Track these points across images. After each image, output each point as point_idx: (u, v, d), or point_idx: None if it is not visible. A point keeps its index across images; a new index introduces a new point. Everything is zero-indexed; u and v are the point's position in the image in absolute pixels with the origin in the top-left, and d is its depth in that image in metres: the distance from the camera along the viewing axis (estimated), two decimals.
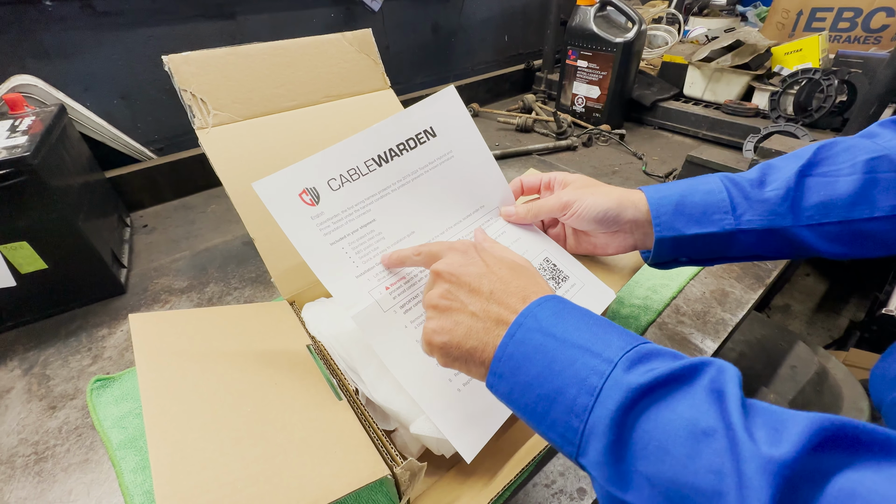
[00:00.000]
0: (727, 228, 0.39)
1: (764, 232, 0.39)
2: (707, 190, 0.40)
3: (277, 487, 0.28)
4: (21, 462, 0.43)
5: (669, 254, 0.41)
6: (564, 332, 0.27)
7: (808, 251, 0.39)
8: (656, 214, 0.40)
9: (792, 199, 0.38)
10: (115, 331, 0.58)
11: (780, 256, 0.41)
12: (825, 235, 0.38)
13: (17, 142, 0.53)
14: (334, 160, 0.40)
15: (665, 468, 0.21)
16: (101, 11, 0.73)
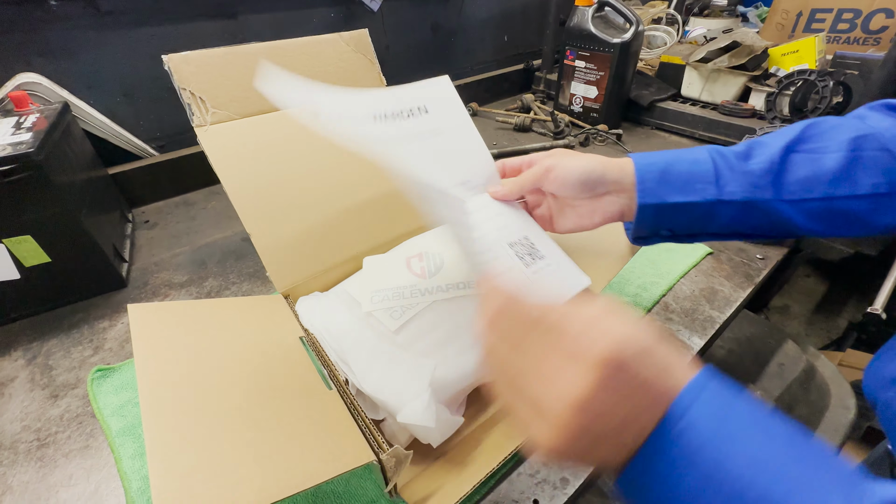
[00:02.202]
0: (709, 198, 0.39)
1: (744, 204, 0.39)
2: (694, 160, 0.40)
3: (267, 470, 0.29)
4: (24, 448, 0.45)
5: (651, 223, 0.40)
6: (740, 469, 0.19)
7: (788, 227, 0.39)
8: (641, 180, 0.40)
9: (776, 172, 0.38)
10: (116, 323, 0.59)
11: (761, 234, 0.41)
12: (806, 212, 0.38)
13: (22, 138, 0.55)
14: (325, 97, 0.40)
15: None
16: (105, 11, 0.75)
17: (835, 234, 0.39)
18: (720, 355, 0.64)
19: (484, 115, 1.25)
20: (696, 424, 0.20)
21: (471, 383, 0.42)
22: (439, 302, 0.46)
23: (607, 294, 0.26)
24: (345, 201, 0.56)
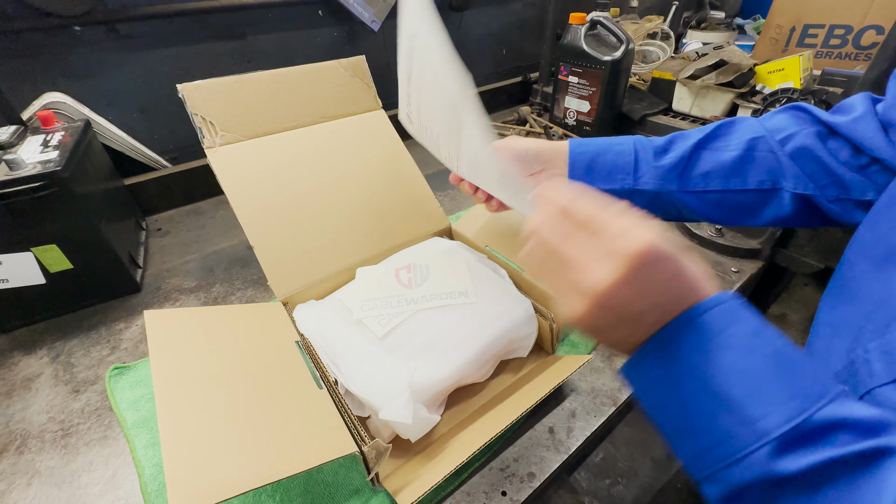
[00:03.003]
0: (625, 187, 0.45)
1: (654, 194, 0.45)
2: (619, 151, 0.46)
3: (264, 456, 0.34)
4: (50, 436, 0.50)
5: None
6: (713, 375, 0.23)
7: (692, 214, 0.46)
8: (572, 168, 0.46)
9: (683, 167, 0.44)
10: (131, 325, 0.65)
11: (672, 218, 0.47)
12: (706, 202, 0.45)
13: (50, 156, 0.61)
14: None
15: None
16: (124, 34, 0.81)
17: (732, 223, 0.46)
18: None
19: None
20: (704, 327, 0.24)
21: (448, 386, 0.46)
22: (423, 311, 0.50)
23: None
24: (340, 216, 0.60)
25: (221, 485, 0.30)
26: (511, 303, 0.52)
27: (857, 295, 0.35)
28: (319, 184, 0.61)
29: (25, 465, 0.47)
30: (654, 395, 0.27)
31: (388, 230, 0.63)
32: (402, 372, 0.44)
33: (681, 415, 0.25)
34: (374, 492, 0.44)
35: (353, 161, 0.64)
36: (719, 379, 0.23)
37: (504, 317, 0.51)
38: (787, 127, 0.43)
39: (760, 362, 0.23)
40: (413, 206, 0.66)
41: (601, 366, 0.57)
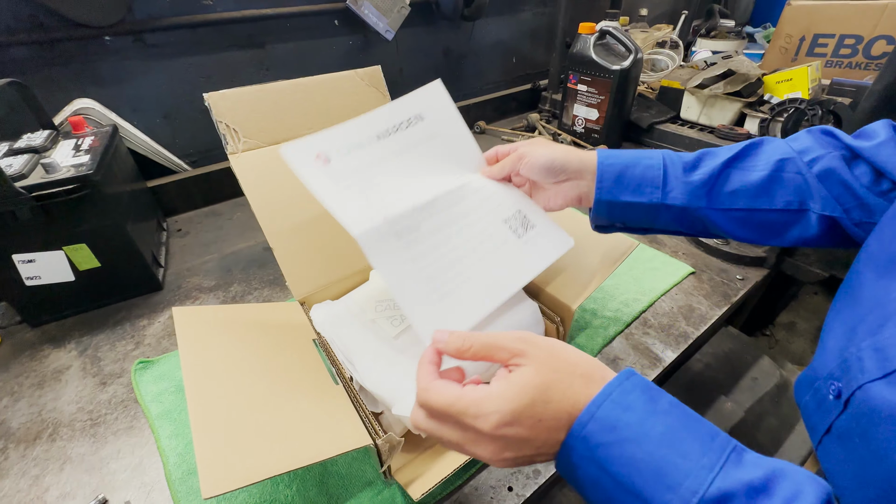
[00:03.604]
0: (654, 201, 0.45)
1: (682, 209, 0.45)
2: (648, 165, 0.46)
3: (284, 446, 0.36)
4: (80, 426, 0.53)
5: (606, 215, 0.47)
6: (620, 469, 0.25)
7: (719, 231, 0.46)
8: (600, 178, 0.46)
9: (712, 185, 0.44)
10: (154, 321, 0.68)
11: (698, 233, 0.48)
12: (733, 219, 0.45)
13: (82, 160, 0.64)
14: (341, 136, 0.46)
15: None
16: (151, 44, 0.84)
17: (756, 241, 0.46)
18: (697, 368, 0.69)
19: (491, 133, 1.32)
20: (593, 433, 0.26)
21: None
22: None
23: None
24: None
25: (248, 470, 0.32)
26: (518, 306, 0.54)
27: (858, 300, 0.36)
28: None
29: (57, 451, 0.50)
30: (584, 493, 0.28)
31: None
32: (414, 370, 0.46)
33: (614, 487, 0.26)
34: (386, 484, 0.46)
35: None
36: (622, 474, 0.25)
37: (511, 319, 0.52)
38: (813, 149, 0.43)
39: (653, 447, 0.25)
40: None
41: None
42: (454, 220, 0.46)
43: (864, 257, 0.38)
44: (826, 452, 0.35)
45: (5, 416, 0.54)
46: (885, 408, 0.29)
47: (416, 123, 0.50)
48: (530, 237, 0.48)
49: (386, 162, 0.47)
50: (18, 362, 0.61)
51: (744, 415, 0.63)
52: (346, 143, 0.46)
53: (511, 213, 0.49)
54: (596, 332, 0.63)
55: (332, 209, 0.40)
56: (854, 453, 0.32)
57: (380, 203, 0.44)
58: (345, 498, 0.45)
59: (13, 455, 0.50)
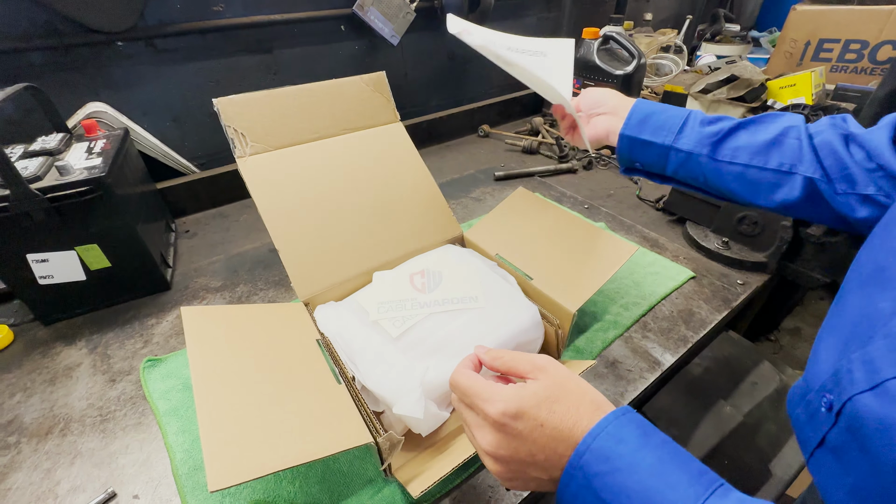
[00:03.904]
0: (666, 143, 0.52)
1: (688, 155, 0.52)
2: (673, 114, 0.53)
3: (288, 442, 0.37)
4: (90, 421, 0.54)
5: (627, 152, 0.55)
6: (612, 497, 0.27)
7: (715, 183, 0.52)
8: (630, 115, 0.54)
9: (719, 139, 0.50)
10: (162, 321, 0.69)
11: (698, 185, 0.54)
12: (729, 173, 0.50)
13: (94, 163, 0.66)
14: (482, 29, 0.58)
15: None
16: (161, 49, 0.86)
17: (745, 198, 0.51)
18: (696, 372, 0.70)
19: (495, 137, 1.33)
20: (589, 463, 0.28)
21: None
22: (436, 314, 0.53)
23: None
24: (359, 223, 0.64)
25: (253, 465, 0.33)
26: (518, 308, 0.55)
27: (847, 312, 0.36)
28: (340, 192, 0.65)
29: (68, 446, 0.51)
30: None
31: (404, 237, 0.66)
32: (415, 371, 0.47)
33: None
34: (387, 482, 0.47)
35: (371, 171, 0.68)
36: (614, 502, 0.27)
37: (512, 321, 0.53)
38: (822, 126, 0.48)
39: (644, 477, 0.27)
40: (427, 214, 0.70)
41: (605, 371, 0.59)
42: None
43: (853, 269, 0.39)
44: (819, 465, 0.35)
45: (18, 411, 0.56)
46: (871, 420, 0.29)
47: (539, 56, 0.60)
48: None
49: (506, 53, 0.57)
50: (31, 359, 0.63)
51: (742, 419, 0.64)
52: (486, 37, 0.57)
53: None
54: (595, 335, 0.64)
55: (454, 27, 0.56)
56: (849, 466, 0.31)
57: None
58: (346, 495, 0.46)
59: (26, 449, 0.51)
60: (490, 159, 1.19)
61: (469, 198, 1.01)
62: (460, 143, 1.31)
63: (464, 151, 1.25)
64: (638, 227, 0.89)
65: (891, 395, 0.28)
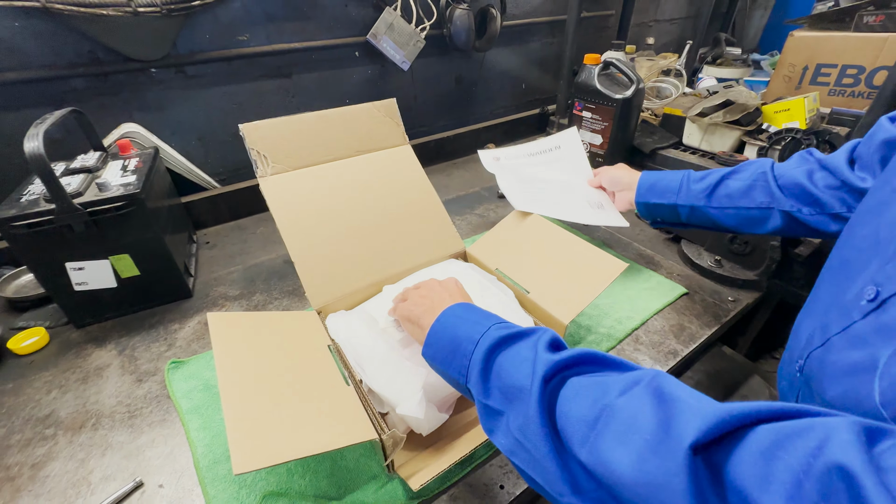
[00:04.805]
0: (671, 202, 0.68)
1: (692, 207, 0.66)
2: (671, 179, 0.70)
3: (303, 434, 0.41)
4: (119, 417, 0.59)
5: (646, 212, 0.72)
6: (465, 314, 0.44)
7: (718, 224, 0.66)
8: (639, 188, 0.72)
9: (712, 190, 0.65)
10: (185, 326, 0.74)
11: (706, 226, 0.68)
12: (726, 214, 0.64)
13: (129, 180, 0.72)
14: (510, 150, 0.97)
15: (504, 380, 0.36)
16: (191, 75, 0.94)
17: (745, 231, 0.64)
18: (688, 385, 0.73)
19: None
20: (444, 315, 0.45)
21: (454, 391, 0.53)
22: None
23: None
24: (369, 238, 0.69)
25: (271, 453, 0.38)
26: (515, 319, 0.59)
27: (819, 296, 0.46)
28: (352, 209, 0.70)
29: (100, 439, 0.56)
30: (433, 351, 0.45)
31: (411, 251, 0.71)
32: (418, 375, 0.51)
33: (453, 336, 0.42)
34: (390, 478, 0.50)
35: (381, 190, 0.73)
36: (468, 316, 0.44)
37: None
38: (789, 166, 0.60)
39: (481, 312, 0.44)
40: (432, 231, 0.75)
41: None
42: (561, 196, 0.82)
43: (826, 263, 0.47)
44: None
45: (55, 406, 0.61)
46: (816, 368, 0.38)
47: (556, 150, 0.93)
48: (600, 211, 0.79)
49: (531, 166, 0.90)
50: (66, 359, 0.68)
51: None
52: (511, 154, 0.94)
53: (594, 200, 0.81)
54: (589, 346, 0.68)
55: (499, 182, 0.85)
56: None
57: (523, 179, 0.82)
58: (352, 489, 0.50)
59: (62, 441, 0.56)
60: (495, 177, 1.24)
61: (474, 214, 1.06)
62: (466, 161, 1.36)
63: (470, 169, 1.30)
64: (635, 245, 0.93)
65: (834, 346, 0.37)
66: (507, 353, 0.38)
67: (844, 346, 0.36)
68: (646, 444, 0.26)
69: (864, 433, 0.21)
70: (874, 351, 0.32)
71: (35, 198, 0.66)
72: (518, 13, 1.39)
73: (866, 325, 0.35)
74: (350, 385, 0.51)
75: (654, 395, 0.28)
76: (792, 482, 0.21)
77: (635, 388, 0.30)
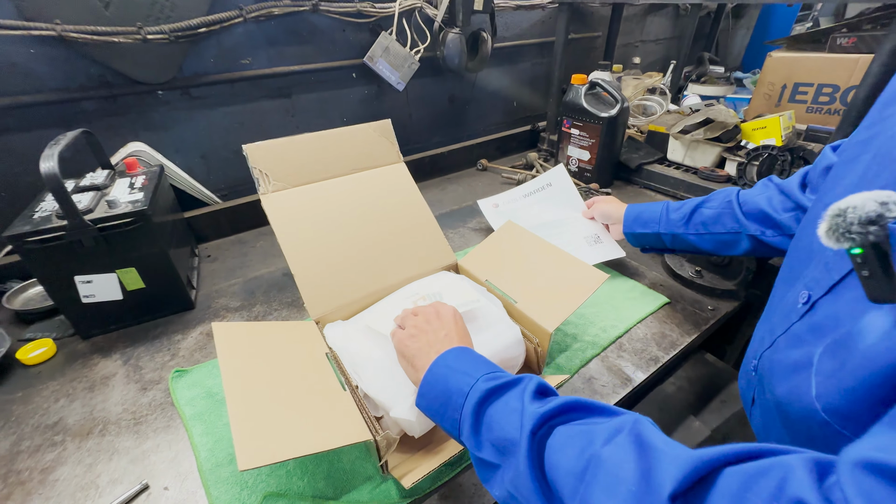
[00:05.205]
0: (655, 230, 0.77)
1: (673, 234, 0.75)
2: (654, 210, 0.78)
3: (302, 435, 0.44)
4: (125, 424, 0.61)
5: (633, 240, 0.82)
6: (455, 364, 0.45)
7: (697, 247, 0.74)
8: (625, 219, 0.81)
9: (687, 218, 0.73)
10: (187, 336, 0.77)
11: (687, 249, 0.76)
12: (703, 239, 0.72)
13: (137, 197, 0.76)
14: (506, 195, 1.09)
15: (495, 433, 0.38)
16: (195, 96, 0.98)
17: (721, 253, 0.72)
18: (670, 390, 0.76)
19: (492, 171, 1.43)
20: (434, 366, 0.46)
21: None
22: None
23: None
24: (365, 252, 0.73)
25: (274, 451, 0.41)
26: (503, 328, 0.63)
27: (772, 303, 0.52)
28: (349, 224, 0.74)
29: (107, 444, 0.59)
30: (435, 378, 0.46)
31: (404, 264, 0.75)
32: (410, 381, 0.54)
33: (444, 388, 0.44)
34: (384, 479, 0.53)
35: (376, 205, 0.77)
36: (459, 366, 0.45)
37: (497, 339, 0.61)
38: (752, 194, 0.68)
39: (461, 366, 0.45)
40: (425, 244, 0.78)
41: (581, 386, 0.66)
42: (560, 238, 0.91)
43: (779, 273, 0.52)
44: (754, 420, 0.49)
45: (63, 413, 0.63)
46: (766, 367, 0.42)
47: (548, 187, 1.03)
48: (599, 246, 0.89)
49: (527, 207, 1.03)
50: (72, 369, 0.71)
51: (710, 433, 0.70)
52: (507, 198, 1.07)
53: (591, 234, 0.91)
54: (575, 353, 0.71)
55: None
56: (763, 409, 0.45)
57: (521, 222, 0.81)
58: (348, 489, 0.52)
59: (70, 447, 0.58)
60: (487, 191, 1.28)
61: (466, 227, 1.10)
62: (460, 176, 1.41)
63: (463, 184, 1.35)
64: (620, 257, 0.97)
65: (779, 346, 0.42)
66: (496, 406, 0.39)
67: (787, 345, 0.40)
68: (631, 495, 0.28)
69: (816, 469, 0.24)
70: (810, 349, 0.36)
71: (47, 214, 0.70)
72: (508, 35, 1.46)
73: (802, 325, 0.39)
74: (346, 390, 0.54)
75: (636, 444, 0.30)
76: None
77: (618, 437, 0.32)
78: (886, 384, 0.29)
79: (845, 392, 0.32)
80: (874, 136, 0.40)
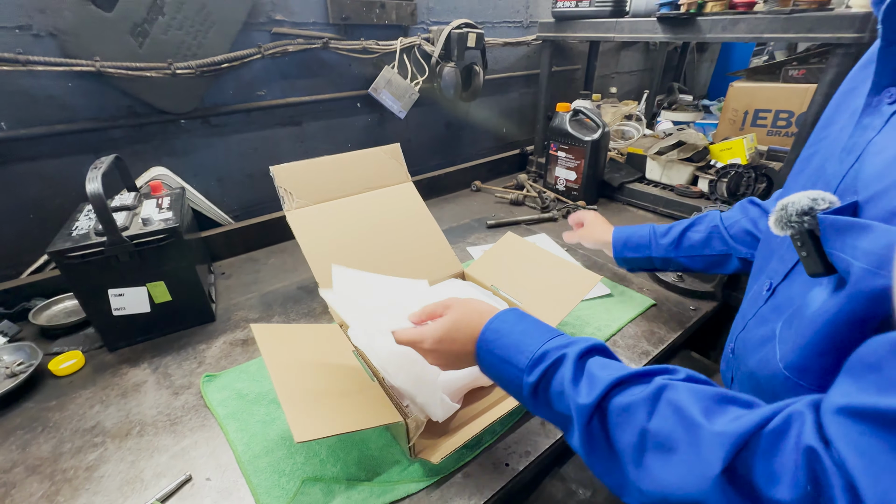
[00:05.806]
0: (645, 255, 0.79)
1: (662, 258, 0.77)
2: (641, 234, 0.80)
3: (345, 415, 0.50)
4: (161, 425, 0.65)
5: (622, 264, 0.83)
6: (498, 350, 0.45)
7: (687, 268, 0.77)
8: (614, 245, 0.82)
9: (676, 243, 0.76)
10: (211, 346, 0.82)
11: (678, 270, 0.80)
12: (693, 260, 0.75)
13: (167, 215, 0.82)
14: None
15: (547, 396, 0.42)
16: (214, 125, 1.06)
17: (710, 272, 0.76)
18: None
19: (486, 191, 1.53)
20: (486, 337, 0.46)
21: (465, 384, 0.62)
22: None
23: None
24: (378, 261, 0.80)
25: (325, 426, 0.46)
26: None
27: (746, 299, 0.56)
28: (365, 236, 0.81)
29: (146, 443, 0.62)
30: (489, 372, 0.48)
31: (415, 272, 0.82)
32: (433, 371, 0.60)
33: (499, 373, 0.46)
34: (411, 462, 0.58)
35: (389, 220, 0.85)
36: (500, 352, 0.45)
37: None
38: (735, 216, 0.71)
39: (516, 336, 0.45)
40: (434, 255, 0.86)
41: None
42: None
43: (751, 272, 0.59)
44: None
45: (99, 418, 0.67)
46: (741, 347, 0.50)
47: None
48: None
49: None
50: (103, 378, 0.75)
51: None
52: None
53: None
54: None
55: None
56: (740, 383, 0.53)
57: None
58: (378, 472, 0.57)
59: (111, 447, 0.62)
60: (482, 210, 1.37)
61: (465, 242, 1.18)
62: (456, 196, 1.50)
63: (459, 204, 1.44)
64: (609, 266, 1.06)
65: (749, 327, 0.50)
66: (553, 376, 0.41)
67: (756, 325, 0.48)
68: (686, 468, 0.32)
69: (814, 413, 0.29)
70: (773, 325, 0.45)
71: (85, 232, 0.75)
72: (498, 68, 1.59)
73: (767, 307, 0.47)
74: (375, 381, 0.60)
75: (677, 416, 0.34)
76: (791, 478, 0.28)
77: (659, 407, 0.35)
78: (825, 338, 0.38)
79: (799, 349, 0.41)
80: (813, 154, 0.50)
